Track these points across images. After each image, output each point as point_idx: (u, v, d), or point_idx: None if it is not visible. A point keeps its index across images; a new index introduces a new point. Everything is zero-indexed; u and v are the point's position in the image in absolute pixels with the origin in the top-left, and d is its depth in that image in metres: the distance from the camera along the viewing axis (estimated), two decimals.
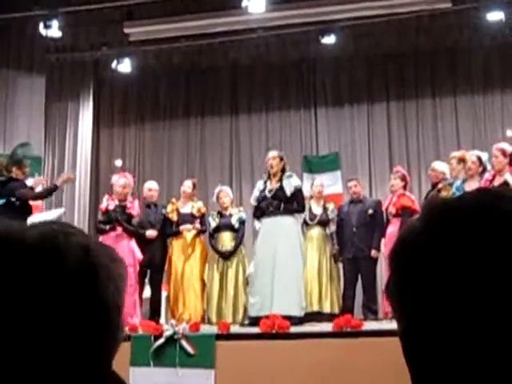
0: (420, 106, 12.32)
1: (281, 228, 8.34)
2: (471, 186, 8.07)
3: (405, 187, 9.46)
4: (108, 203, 9.29)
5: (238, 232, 9.63)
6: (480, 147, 8.55)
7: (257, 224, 8.94)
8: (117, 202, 9.27)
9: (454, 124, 12.10)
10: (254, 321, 7.93)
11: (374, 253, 9.33)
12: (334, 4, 10.19)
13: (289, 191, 8.36)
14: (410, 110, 12.36)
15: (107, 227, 9.01)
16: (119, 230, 9.01)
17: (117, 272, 0.94)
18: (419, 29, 10.99)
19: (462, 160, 8.57)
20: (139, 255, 8.86)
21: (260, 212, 8.54)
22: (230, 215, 9.69)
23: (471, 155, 8.34)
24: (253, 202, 8.67)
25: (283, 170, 8.61)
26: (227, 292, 9.42)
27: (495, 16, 10.12)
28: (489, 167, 8.12)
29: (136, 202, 9.49)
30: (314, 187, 10.10)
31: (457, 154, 8.91)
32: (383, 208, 9.57)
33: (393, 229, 9.20)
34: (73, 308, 0.86)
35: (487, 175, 8.00)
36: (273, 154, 8.76)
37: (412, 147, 12.27)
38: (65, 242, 0.89)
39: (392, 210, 9.21)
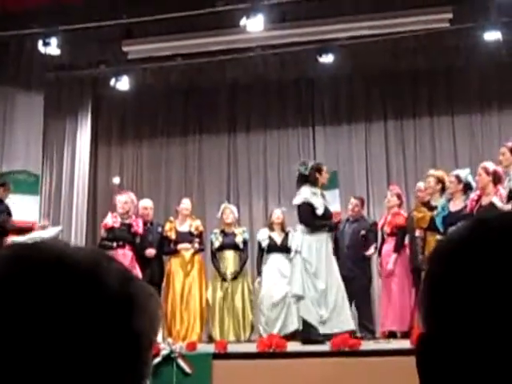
0: (417, 124, 12.35)
1: (330, 244, 8.43)
2: (456, 204, 8.09)
3: (400, 205, 9.49)
4: (113, 220, 9.30)
5: (243, 252, 9.64)
6: (478, 165, 8.54)
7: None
8: (119, 220, 9.28)
9: (451, 142, 12.12)
10: (327, 338, 7.86)
11: (369, 252, 9.43)
12: (331, 23, 10.23)
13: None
14: (407, 129, 12.39)
15: (114, 244, 9.02)
16: (127, 248, 9.04)
17: (153, 308, 0.90)
18: (417, 48, 11.03)
19: (440, 181, 8.62)
20: (140, 275, 8.85)
21: (326, 223, 8.44)
22: (234, 234, 9.69)
23: (450, 175, 8.39)
24: (320, 213, 8.36)
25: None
26: (234, 310, 9.39)
27: (492, 36, 10.15)
28: (473, 184, 8.14)
29: (140, 222, 9.49)
30: None
31: (435, 172, 8.95)
32: (379, 226, 9.58)
33: (388, 247, 9.21)
34: (103, 336, 0.83)
35: (472, 195, 8.02)
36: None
37: (410, 166, 12.28)
38: (107, 268, 0.87)
39: (387, 229, 9.22)
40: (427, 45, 10.84)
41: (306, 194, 8.42)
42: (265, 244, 9.67)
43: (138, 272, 8.84)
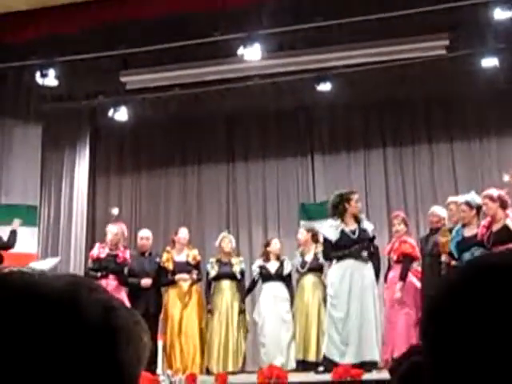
0: (416, 152, 12.34)
1: (367, 273, 8.30)
2: (471, 230, 8.05)
3: (407, 232, 9.45)
4: (99, 251, 9.28)
5: (239, 282, 9.59)
6: (477, 193, 8.50)
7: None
8: (107, 251, 9.25)
9: (450, 169, 12.10)
10: (329, 366, 7.80)
11: None
12: (329, 52, 10.26)
13: (370, 233, 8.42)
14: (406, 156, 12.38)
15: (98, 274, 8.97)
16: (112, 280, 8.98)
17: (138, 338, 0.86)
18: (414, 75, 11.04)
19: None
20: (127, 304, 8.77)
21: (343, 254, 8.35)
22: (230, 263, 9.63)
23: (460, 204, 8.33)
24: (333, 241, 8.41)
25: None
26: (231, 341, 9.32)
27: (490, 62, 10.17)
28: (480, 201, 8.10)
29: (127, 252, 9.47)
30: (299, 234, 10.05)
31: (454, 198, 8.88)
32: (385, 252, 9.52)
33: (394, 274, 9.14)
34: (84, 371, 0.78)
35: (483, 222, 7.98)
36: (357, 195, 8.71)
37: (409, 193, 12.26)
38: (87, 298, 0.82)
39: (393, 256, 9.16)
40: (424, 72, 10.86)
41: (324, 229, 8.66)
42: (255, 274, 9.68)
43: (124, 301, 8.76)
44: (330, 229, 8.51)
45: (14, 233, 9.25)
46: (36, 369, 0.76)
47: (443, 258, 8.38)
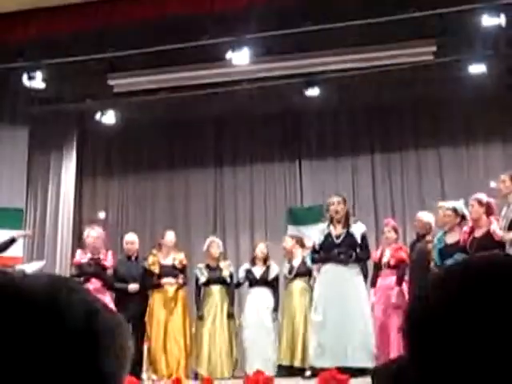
0: (404, 157, 12.36)
1: (349, 277, 8.14)
2: (452, 237, 8.06)
3: (397, 238, 9.46)
4: (81, 257, 9.24)
5: (229, 286, 9.56)
6: (464, 198, 8.51)
7: (314, 268, 8.96)
8: (89, 255, 9.21)
9: (438, 175, 12.13)
10: (315, 371, 7.75)
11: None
12: (317, 56, 10.26)
13: (358, 237, 8.24)
14: (393, 162, 12.39)
15: (81, 279, 8.92)
16: (95, 283, 8.93)
17: (120, 341, 0.83)
18: (402, 81, 11.08)
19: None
20: (111, 306, 8.73)
21: (324, 258, 8.29)
22: (220, 268, 9.60)
23: (446, 209, 8.33)
24: (316, 245, 8.37)
25: (348, 214, 8.45)
26: (223, 345, 9.28)
27: (477, 69, 10.20)
28: (468, 215, 8.10)
29: (109, 254, 9.43)
30: (284, 243, 10.01)
31: (444, 204, 8.88)
32: (373, 258, 9.50)
33: (388, 280, 9.11)
34: (65, 376, 0.75)
35: (465, 227, 7.98)
36: (337, 198, 8.48)
37: (396, 199, 12.27)
38: (67, 299, 0.79)
39: (391, 261, 9.14)
40: (412, 78, 10.90)
41: (315, 232, 8.65)
42: (240, 277, 9.66)
43: (107, 303, 8.72)
44: (318, 232, 8.48)
45: (12, 241, 9.11)
46: (12, 375, 0.73)
47: (432, 265, 8.38)
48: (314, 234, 8.65)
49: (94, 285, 8.85)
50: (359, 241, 8.27)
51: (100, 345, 0.79)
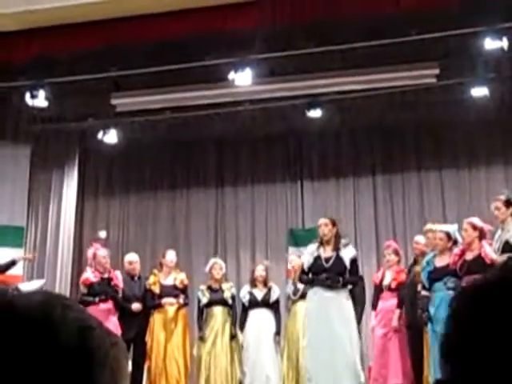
0: (406, 179, 12.35)
1: (338, 302, 8.05)
2: (442, 260, 8.05)
3: (399, 261, 9.44)
4: (94, 275, 9.22)
5: (231, 308, 9.51)
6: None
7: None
8: (97, 274, 9.20)
9: (439, 198, 12.11)
10: None
11: None
12: (320, 78, 10.27)
13: (347, 262, 8.15)
14: (395, 184, 12.38)
15: (96, 299, 8.89)
16: (108, 303, 8.93)
17: (115, 359, 0.81)
18: (404, 103, 11.08)
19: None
20: (118, 328, 8.74)
21: (312, 280, 8.23)
22: (221, 290, 9.57)
23: (439, 232, 8.32)
24: (305, 267, 8.31)
25: (338, 236, 8.38)
26: (221, 368, 9.22)
27: (479, 92, 10.21)
28: (460, 239, 8.10)
29: (119, 274, 9.42)
30: (289, 264, 10.01)
31: (432, 226, 8.90)
32: (374, 281, 9.49)
33: (388, 303, 9.08)
34: None
35: (456, 250, 7.97)
36: (324, 220, 8.45)
37: (398, 220, 12.24)
38: (61, 316, 0.78)
39: (392, 283, 9.12)
40: (414, 100, 10.90)
41: (305, 253, 8.58)
42: (245, 300, 9.58)
43: (116, 325, 8.70)
44: (307, 254, 8.43)
45: (13, 263, 9.17)
46: None
47: (419, 287, 8.37)
48: (304, 255, 8.61)
49: (106, 305, 8.86)
50: (348, 265, 8.17)
51: (94, 362, 0.78)
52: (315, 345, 7.91)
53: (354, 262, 8.26)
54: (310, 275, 8.23)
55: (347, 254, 8.22)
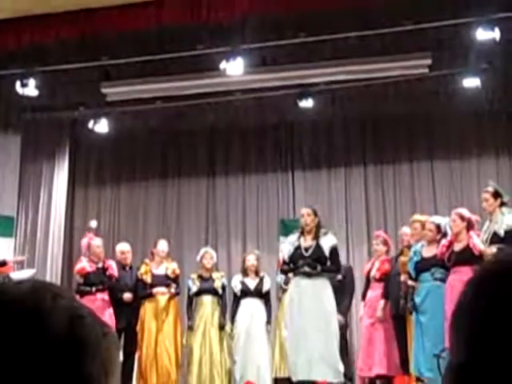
0: (397, 170, 12.36)
1: (316, 291, 8.02)
2: (430, 250, 8.06)
3: (387, 251, 9.45)
4: (90, 265, 9.22)
5: (221, 297, 9.52)
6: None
7: (280, 278, 9.06)
8: (92, 264, 9.20)
9: (430, 188, 12.13)
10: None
11: (339, 318, 9.18)
12: (311, 68, 10.25)
13: (327, 250, 8.14)
14: (387, 174, 12.39)
15: (93, 289, 8.90)
16: (105, 293, 8.95)
17: (106, 349, 0.79)
18: (396, 94, 11.08)
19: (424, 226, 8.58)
20: (112, 317, 8.76)
21: (291, 270, 8.24)
22: (212, 279, 9.57)
23: (430, 223, 8.34)
24: (286, 257, 8.31)
25: (319, 226, 8.35)
26: (212, 357, 9.22)
27: (471, 82, 10.22)
28: (449, 232, 8.12)
29: (113, 264, 9.42)
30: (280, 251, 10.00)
31: (419, 217, 8.92)
32: (364, 271, 9.52)
33: (375, 293, 9.12)
34: (47, 381, 0.73)
35: (444, 241, 7.99)
36: (306, 210, 8.42)
37: (389, 211, 12.26)
38: (51, 305, 0.76)
39: (376, 274, 9.15)
40: (406, 91, 10.89)
41: (285, 243, 8.53)
42: (237, 289, 9.57)
43: (111, 316, 8.71)
44: (287, 244, 8.42)
45: (3, 264, 9.18)
46: None
47: (402, 277, 8.39)
48: (285, 246, 8.60)
49: (103, 295, 8.88)
50: (328, 253, 8.16)
51: (84, 351, 0.77)
52: (293, 336, 7.93)
53: (334, 250, 8.21)
54: (291, 265, 8.23)
55: (327, 242, 8.19)
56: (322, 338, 7.81)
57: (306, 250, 8.12)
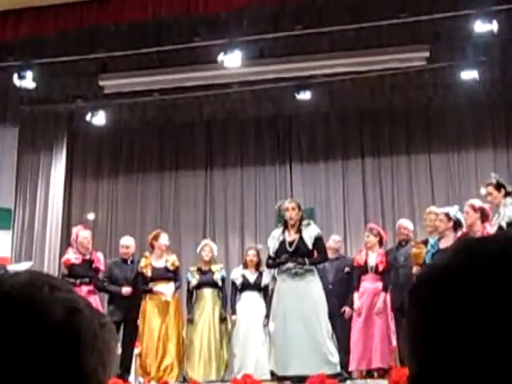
0: (395, 162, 12.36)
1: (303, 284, 7.98)
2: (446, 242, 8.04)
3: (381, 244, 9.41)
4: (75, 256, 9.18)
5: (221, 290, 9.50)
6: (454, 204, 8.53)
7: (268, 272, 8.99)
8: (79, 256, 9.16)
9: (428, 180, 12.14)
10: (278, 379, 7.71)
11: (348, 311, 9.19)
12: (309, 60, 10.24)
13: (309, 242, 8.10)
14: (384, 166, 12.39)
15: (78, 281, 8.86)
16: (91, 286, 8.94)
17: (104, 340, 0.80)
18: (394, 86, 11.08)
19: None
20: (100, 309, 8.74)
21: (277, 264, 8.18)
22: (211, 271, 9.55)
23: (440, 213, 8.33)
24: (271, 252, 8.27)
25: (301, 219, 8.26)
26: (213, 349, 9.22)
27: (469, 75, 10.21)
28: (463, 221, 8.09)
29: (101, 256, 9.39)
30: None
31: (435, 209, 8.87)
32: (356, 261, 9.50)
33: (374, 285, 9.11)
34: (44, 377, 0.73)
35: (459, 233, 7.97)
36: (291, 204, 8.29)
37: (387, 203, 12.27)
38: (49, 297, 0.77)
39: (380, 266, 9.14)
40: (404, 83, 10.90)
41: (269, 238, 8.46)
42: (238, 282, 9.56)
43: (97, 305, 8.69)
44: (272, 239, 8.36)
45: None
46: None
47: (414, 269, 8.37)
48: (269, 240, 8.56)
49: (88, 287, 8.87)
50: (311, 245, 8.09)
51: (81, 344, 0.77)
52: (283, 330, 7.92)
53: (317, 239, 8.15)
54: (277, 260, 8.22)
55: (310, 233, 8.15)
56: (311, 331, 7.80)
57: (290, 244, 8.12)
